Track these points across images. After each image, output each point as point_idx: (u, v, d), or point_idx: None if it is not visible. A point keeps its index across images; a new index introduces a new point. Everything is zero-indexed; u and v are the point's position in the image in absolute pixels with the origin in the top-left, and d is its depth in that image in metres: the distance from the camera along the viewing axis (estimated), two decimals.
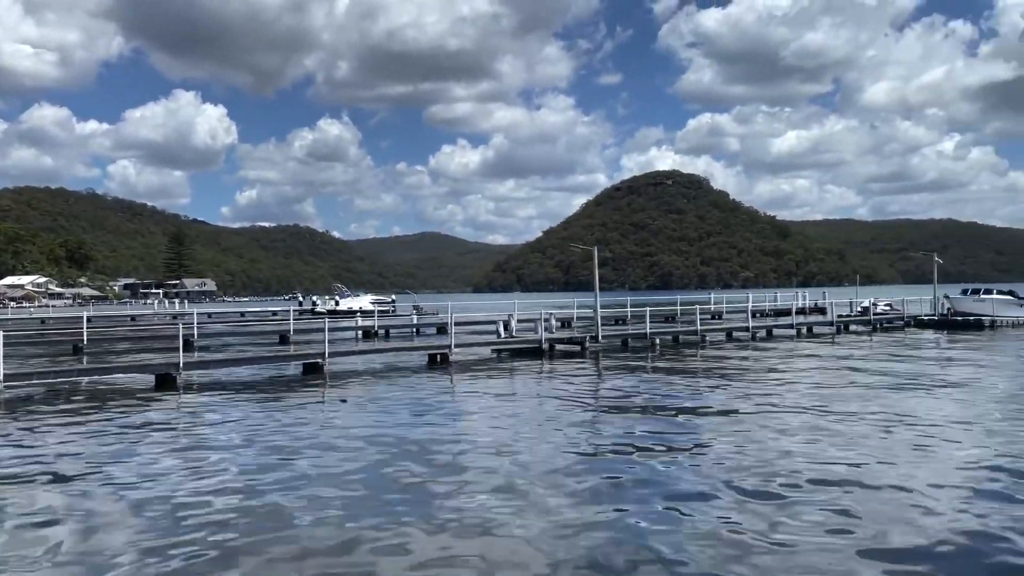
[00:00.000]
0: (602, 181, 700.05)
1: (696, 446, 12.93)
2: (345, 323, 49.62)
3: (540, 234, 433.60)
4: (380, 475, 11.21)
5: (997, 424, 14.61)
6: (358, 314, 58.73)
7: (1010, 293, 48.17)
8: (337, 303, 75.34)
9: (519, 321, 36.45)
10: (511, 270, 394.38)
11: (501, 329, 33.89)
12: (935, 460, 11.79)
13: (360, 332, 44.54)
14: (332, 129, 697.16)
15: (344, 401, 18.85)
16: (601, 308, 36.51)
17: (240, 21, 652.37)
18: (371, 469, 11.55)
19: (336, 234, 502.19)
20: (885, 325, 45.87)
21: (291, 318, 46.48)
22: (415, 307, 62.86)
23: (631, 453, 12.37)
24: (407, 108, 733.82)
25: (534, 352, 30.78)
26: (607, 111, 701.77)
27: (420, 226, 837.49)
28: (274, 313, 63.92)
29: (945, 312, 46.64)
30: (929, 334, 40.47)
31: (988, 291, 47.96)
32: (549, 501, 9.65)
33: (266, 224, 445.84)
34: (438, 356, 28.33)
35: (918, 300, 51.81)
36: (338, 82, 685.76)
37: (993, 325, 42.61)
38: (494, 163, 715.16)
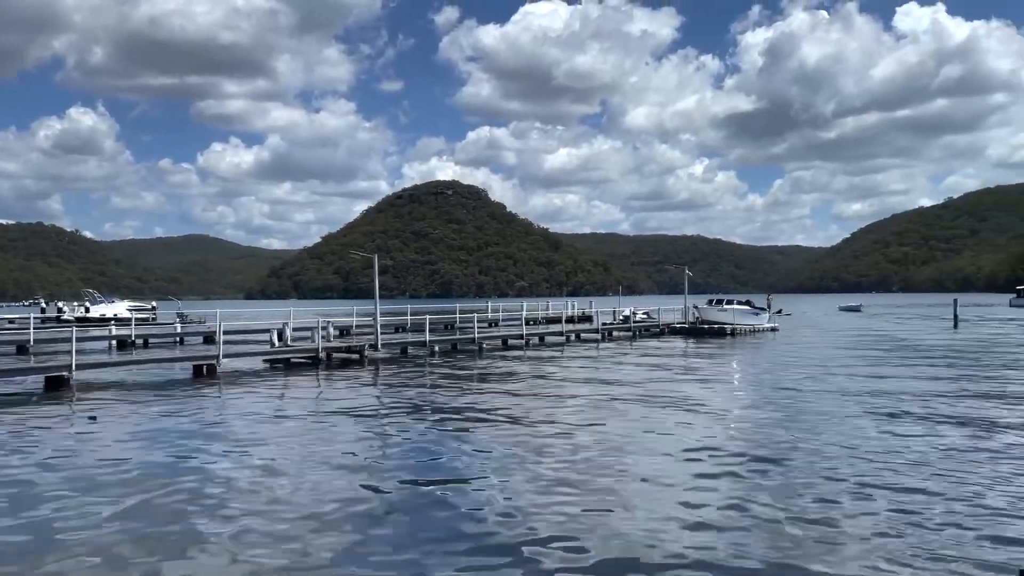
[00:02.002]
0: (384, 188, 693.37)
1: (478, 452, 13.16)
2: (97, 332, 45.24)
3: (319, 239, 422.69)
4: (115, 517, 10.19)
5: (731, 413, 16.33)
6: (112, 322, 53.77)
7: (747, 303, 54.02)
8: (87, 310, 68.32)
9: (295, 330, 35.27)
10: (287, 276, 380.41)
11: (275, 338, 32.56)
12: (675, 440, 12.91)
13: (114, 342, 40.74)
14: (85, 119, 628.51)
15: (93, 419, 17.08)
16: (381, 316, 36.23)
17: None
18: (114, 504, 10.35)
19: (88, 234, 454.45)
20: (644, 332, 49.64)
21: (31, 326, 41.53)
22: (179, 314, 58.80)
23: (410, 470, 12.28)
24: (173, 101, 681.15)
25: (310, 362, 29.86)
26: (389, 118, 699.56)
27: (186, 228, 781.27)
28: (11, 321, 56.71)
29: (694, 320, 51.34)
30: (680, 340, 44.35)
31: (730, 301, 53.36)
32: (314, 540, 9.27)
33: (3, 221, 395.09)
34: (204, 367, 26.56)
35: (672, 309, 56.60)
36: (92, 68, 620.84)
37: (733, 332, 47.53)
38: (270, 164, 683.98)
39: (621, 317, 54.39)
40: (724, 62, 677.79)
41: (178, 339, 44.69)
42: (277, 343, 32.09)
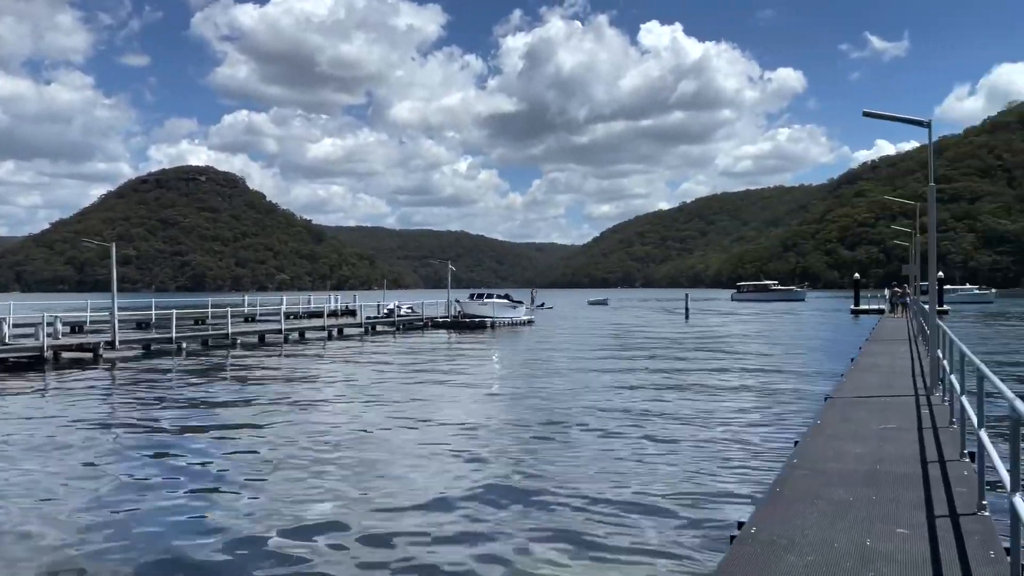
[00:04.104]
0: (127, 171, 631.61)
1: (222, 457, 12.53)
2: None
3: (48, 226, 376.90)
4: None
5: (482, 400, 17.00)
6: None
7: (506, 297, 56.21)
8: None
9: (15, 326, 31.37)
10: (8, 266, 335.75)
11: None
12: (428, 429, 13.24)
13: None
14: None
15: None
16: (122, 311, 33.22)
17: None
18: None
19: None
20: (408, 326, 49.93)
21: None
22: None
23: (138, 489, 11.37)
24: None
25: (34, 362, 26.69)
26: (133, 95, 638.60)
27: None
28: None
29: (457, 314, 52.49)
30: (443, 334, 45.18)
31: (490, 295, 55.18)
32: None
33: None
34: None
35: (435, 303, 57.43)
36: None
37: (493, 325, 49.25)
38: None
39: (385, 311, 54.29)
40: (487, 63, 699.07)
41: None
42: None
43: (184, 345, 33.02)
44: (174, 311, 35.68)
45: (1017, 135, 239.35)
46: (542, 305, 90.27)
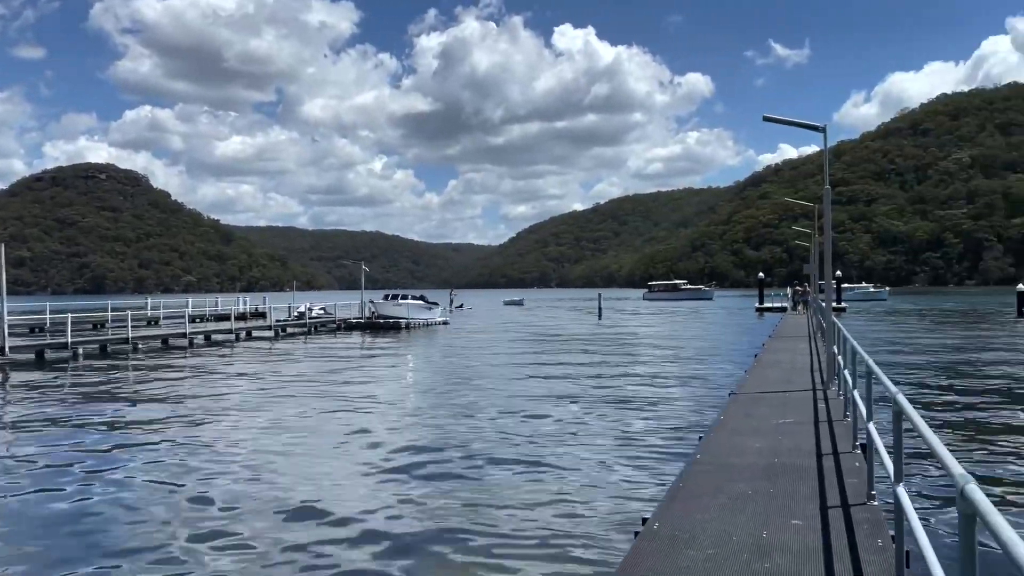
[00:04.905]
0: (19, 168, 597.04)
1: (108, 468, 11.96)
2: None
3: None
4: None
5: (400, 403, 16.80)
6: None
7: (421, 298, 55.72)
8: None
9: None
10: None
11: None
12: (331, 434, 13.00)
13: None
14: None
15: None
16: (12, 316, 31.40)
17: None
18: None
19: None
20: (320, 328, 48.94)
21: None
22: None
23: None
24: None
25: None
26: (27, 89, 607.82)
27: None
28: None
29: (371, 315, 51.76)
30: (356, 336, 44.49)
31: (404, 296, 54.61)
32: None
33: None
34: None
35: (349, 304, 56.48)
36: None
37: (408, 326, 48.79)
38: None
39: (296, 313, 53.08)
40: (402, 62, 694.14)
41: None
42: None
43: (80, 351, 31.46)
44: (70, 315, 33.95)
45: (908, 140, 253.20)
46: (461, 306, 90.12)
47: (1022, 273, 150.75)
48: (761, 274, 79.72)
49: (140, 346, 34.89)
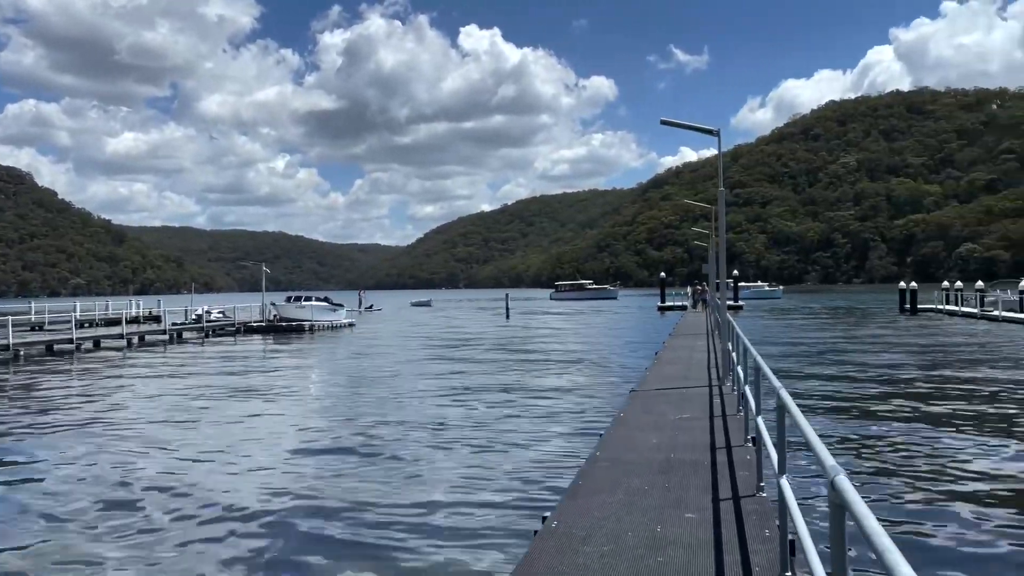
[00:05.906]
0: None
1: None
2: None
3: None
4: None
5: (310, 420, 16.41)
6: None
7: (326, 299, 54.62)
8: None
9: None
10: None
11: None
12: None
13: None
14: None
15: None
16: None
17: None
18: None
19: None
20: (218, 332, 47.28)
21: None
22: None
23: None
24: None
25: None
26: None
27: None
28: None
29: (272, 318, 50.39)
30: (258, 339, 43.20)
31: (308, 298, 53.38)
32: None
33: None
34: None
35: (249, 307, 54.81)
36: None
37: (312, 329, 47.72)
38: None
39: (193, 316, 51.14)
40: (304, 59, 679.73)
41: None
42: None
43: None
44: None
45: (800, 144, 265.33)
46: (371, 307, 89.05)
47: (904, 271, 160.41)
48: (663, 274, 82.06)
49: (22, 353, 32.87)
